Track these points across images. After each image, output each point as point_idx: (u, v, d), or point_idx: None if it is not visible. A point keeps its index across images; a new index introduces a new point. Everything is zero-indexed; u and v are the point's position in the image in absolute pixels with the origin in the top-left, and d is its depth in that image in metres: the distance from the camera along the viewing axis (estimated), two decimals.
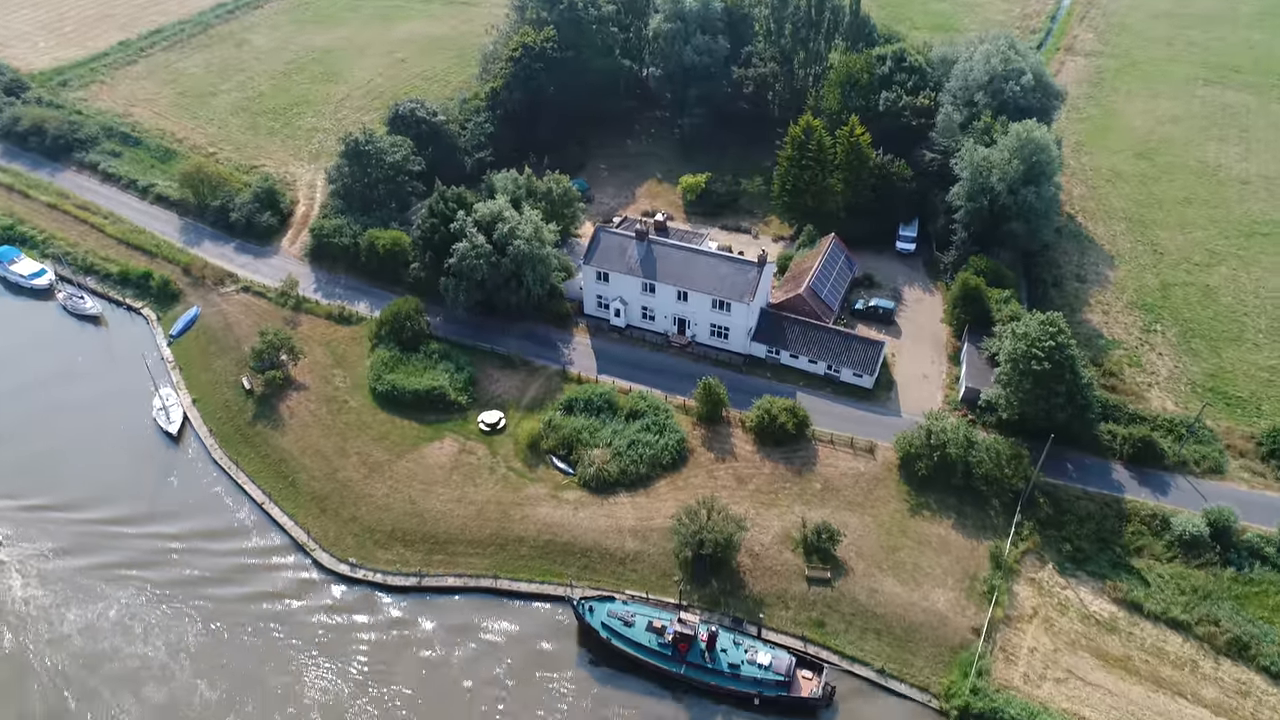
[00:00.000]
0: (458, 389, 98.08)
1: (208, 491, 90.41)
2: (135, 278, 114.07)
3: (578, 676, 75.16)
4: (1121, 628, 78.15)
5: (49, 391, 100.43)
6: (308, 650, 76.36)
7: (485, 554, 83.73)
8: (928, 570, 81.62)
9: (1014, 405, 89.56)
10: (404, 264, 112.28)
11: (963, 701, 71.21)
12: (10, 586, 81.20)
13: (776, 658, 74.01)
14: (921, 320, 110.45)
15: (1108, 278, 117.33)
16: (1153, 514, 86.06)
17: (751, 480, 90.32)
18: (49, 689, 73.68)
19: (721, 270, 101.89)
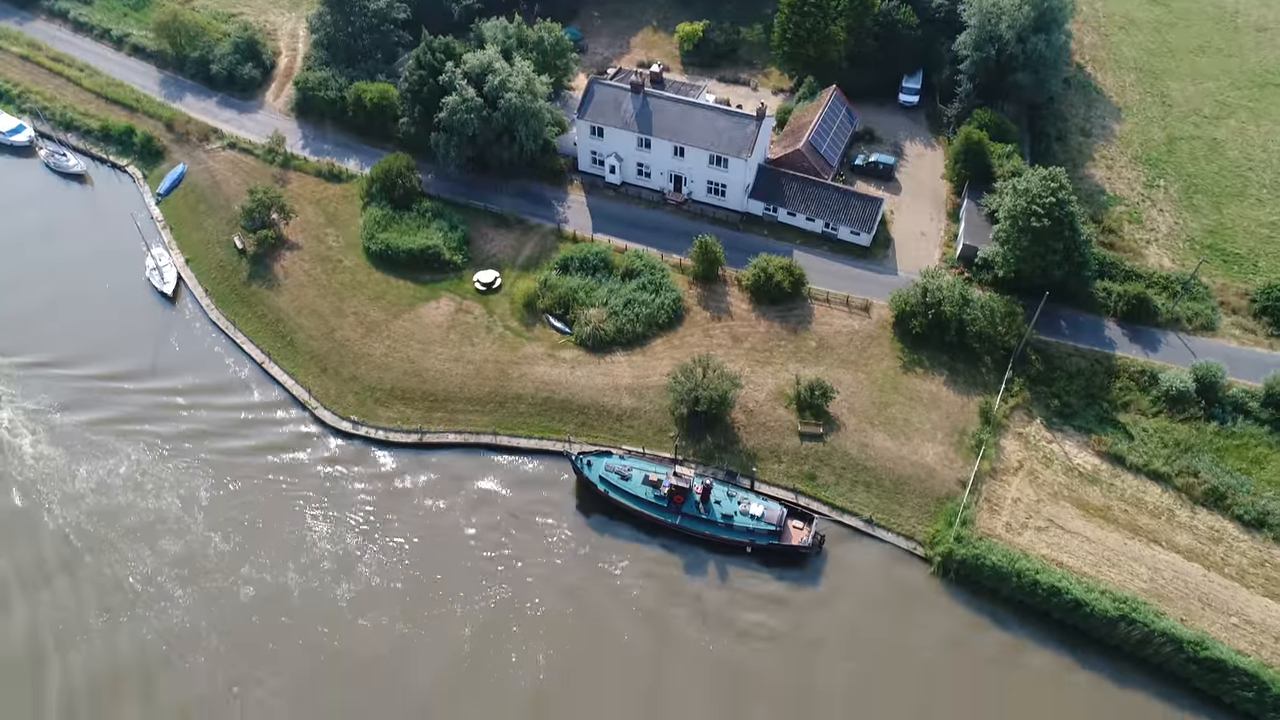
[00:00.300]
0: (452, 248, 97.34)
1: (207, 351, 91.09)
2: (117, 134, 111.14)
3: (576, 528, 77.83)
4: (1103, 479, 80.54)
5: (39, 250, 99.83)
6: (315, 503, 78.77)
7: (484, 411, 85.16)
8: (918, 425, 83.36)
9: (1011, 263, 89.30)
10: (392, 119, 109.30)
11: (946, 549, 74.11)
12: (20, 445, 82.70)
13: (768, 509, 76.54)
14: (922, 176, 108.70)
15: (1113, 131, 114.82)
16: (1142, 370, 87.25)
17: (747, 339, 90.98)
18: (64, 543, 76.15)
19: (719, 124, 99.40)
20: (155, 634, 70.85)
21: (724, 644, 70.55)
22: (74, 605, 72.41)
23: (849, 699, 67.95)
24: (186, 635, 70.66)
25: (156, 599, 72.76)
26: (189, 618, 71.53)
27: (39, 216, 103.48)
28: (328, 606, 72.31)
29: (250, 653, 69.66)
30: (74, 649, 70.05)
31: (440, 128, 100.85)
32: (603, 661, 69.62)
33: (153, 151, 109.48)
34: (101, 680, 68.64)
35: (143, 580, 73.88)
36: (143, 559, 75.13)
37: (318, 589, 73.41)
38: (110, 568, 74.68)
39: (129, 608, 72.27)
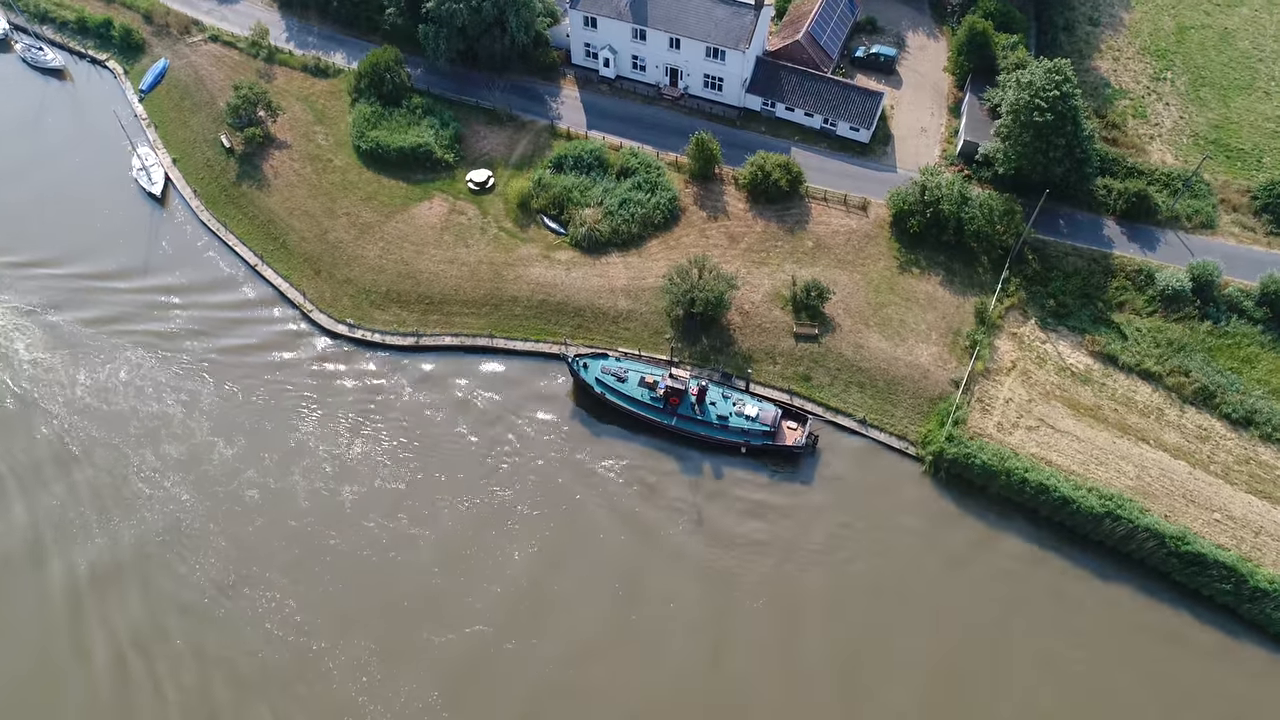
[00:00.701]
0: (444, 146, 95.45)
1: (199, 254, 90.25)
2: (95, 26, 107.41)
3: (572, 429, 78.80)
4: (1095, 379, 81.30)
5: (20, 149, 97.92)
6: (312, 408, 79.39)
7: (480, 314, 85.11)
8: (913, 326, 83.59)
9: (1011, 159, 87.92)
10: (378, 9, 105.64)
11: (937, 448, 75.36)
12: (14, 347, 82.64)
13: (763, 409, 77.42)
14: (924, 69, 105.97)
15: (1122, 20, 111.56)
16: (1139, 269, 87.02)
17: (743, 239, 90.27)
18: (66, 448, 76.91)
19: (717, 14, 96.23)
20: (162, 535, 72.33)
21: (718, 542, 72.32)
22: (76, 506, 73.77)
23: (839, 594, 70.09)
24: (195, 537, 72.03)
25: (164, 501, 73.93)
26: (196, 521, 72.73)
27: (18, 114, 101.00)
28: (332, 507, 73.63)
29: (255, 552, 71.23)
30: (76, 546, 71.64)
31: (428, 18, 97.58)
32: (599, 561, 71.43)
33: (133, 45, 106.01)
34: (107, 578, 70.39)
35: (149, 483, 74.89)
36: (146, 462, 76.02)
37: (320, 490, 74.60)
38: (112, 472, 75.55)
39: (133, 510, 73.41)
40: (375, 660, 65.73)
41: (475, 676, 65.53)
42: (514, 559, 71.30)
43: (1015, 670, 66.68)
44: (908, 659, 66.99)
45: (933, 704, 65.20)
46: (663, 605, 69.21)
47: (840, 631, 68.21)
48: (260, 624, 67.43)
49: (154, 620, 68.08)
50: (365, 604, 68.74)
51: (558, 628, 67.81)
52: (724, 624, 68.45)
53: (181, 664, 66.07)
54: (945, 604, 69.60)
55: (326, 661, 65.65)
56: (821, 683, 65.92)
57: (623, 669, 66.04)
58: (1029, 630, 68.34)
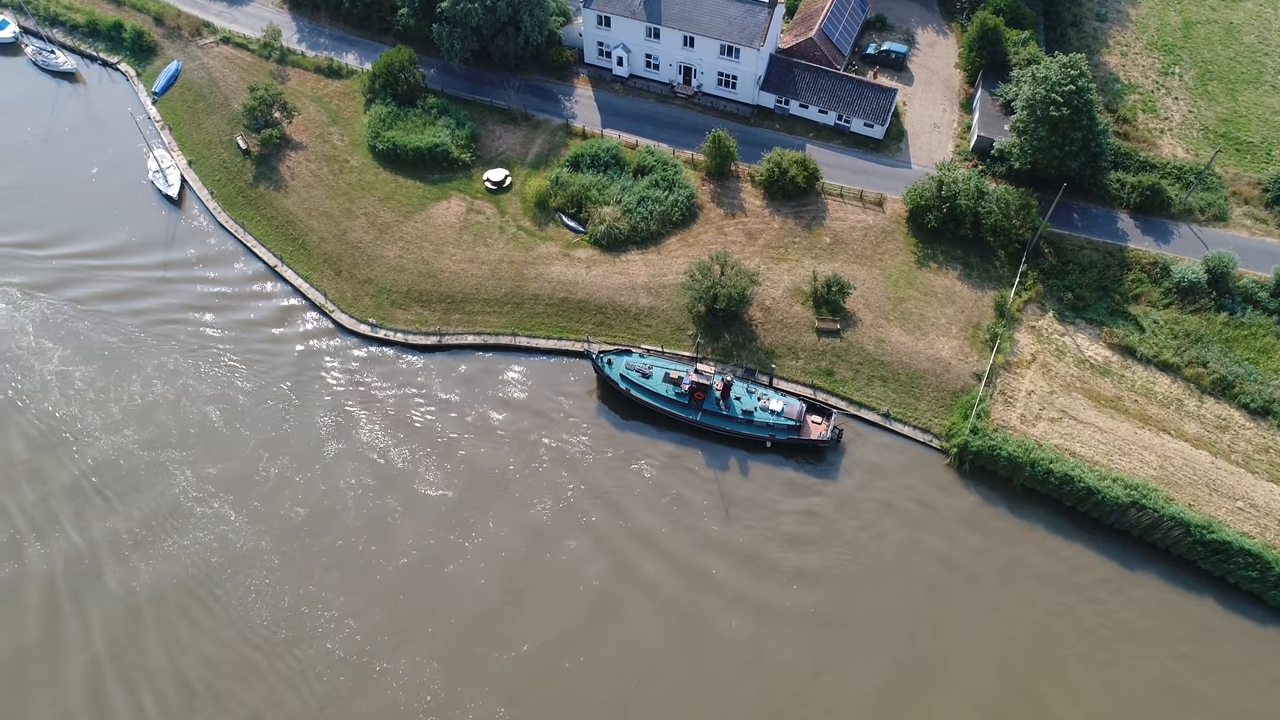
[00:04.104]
0: (460, 146, 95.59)
1: (217, 256, 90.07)
2: (105, 29, 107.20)
3: (597, 426, 78.99)
4: (1114, 371, 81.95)
5: (36, 152, 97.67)
6: (342, 412, 79.07)
7: (502, 312, 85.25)
8: (933, 320, 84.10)
9: (1027, 154, 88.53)
10: (390, 9, 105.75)
11: (962, 440, 75.82)
12: (47, 357, 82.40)
13: (788, 404, 77.81)
14: (934, 65, 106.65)
15: (1129, 15, 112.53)
16: (1154, 262, 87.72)
17: (761, 235, 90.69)
18: (98, 437, 76.74)
19: (730, 12, 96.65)
20: (217, 555, 70.91)
21: (746, 537, 72.58)
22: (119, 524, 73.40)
23: (869, 586, 70.43)
24: (245, 554, 70.83)
25: (214, 521, 72.57)
26: (246, 540, 71.44)
27: (31, 116, 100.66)
28: (379, 519, 72.75)
29: (308, 570, 70.10)
30: (130, 565, 70.87)
31: (443, 18, 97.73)
32: (638, 557, 71.44)
33: (144, 47, 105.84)
34: (168, 594, 69.46)
35: (198, 502, 73.84)
36: (189, 480, 74.89)
37: (365, 501, 73.71)
38: (155, 478, 75.01)
39: (186, 531, 72.32)
40: (439, 679, 64.67)
41: (539, 693, 64.63)
42: (562, 565, 70.77)
43: (1046, 658, 67.08)
44: (936, 648, 67.38)
45: (961, 693, 65.55)
46: (695, 595, 69.24)
47: (874, 621, 68.52)
48: (322, 644, 66.51)
49: (217, 638, 67.05)
50: (422, 620, 67.50)
51: (612, 638, 67.24)
52: (765, 622, 68.58)
53: (249, 688, 64.76)
54: (973, 593, 70.04)
55: (390, 681, 64.55)
56: (860, 673, 66.21)
57: (681, 679, 65.66)
58: (1058, 619, 68.81)
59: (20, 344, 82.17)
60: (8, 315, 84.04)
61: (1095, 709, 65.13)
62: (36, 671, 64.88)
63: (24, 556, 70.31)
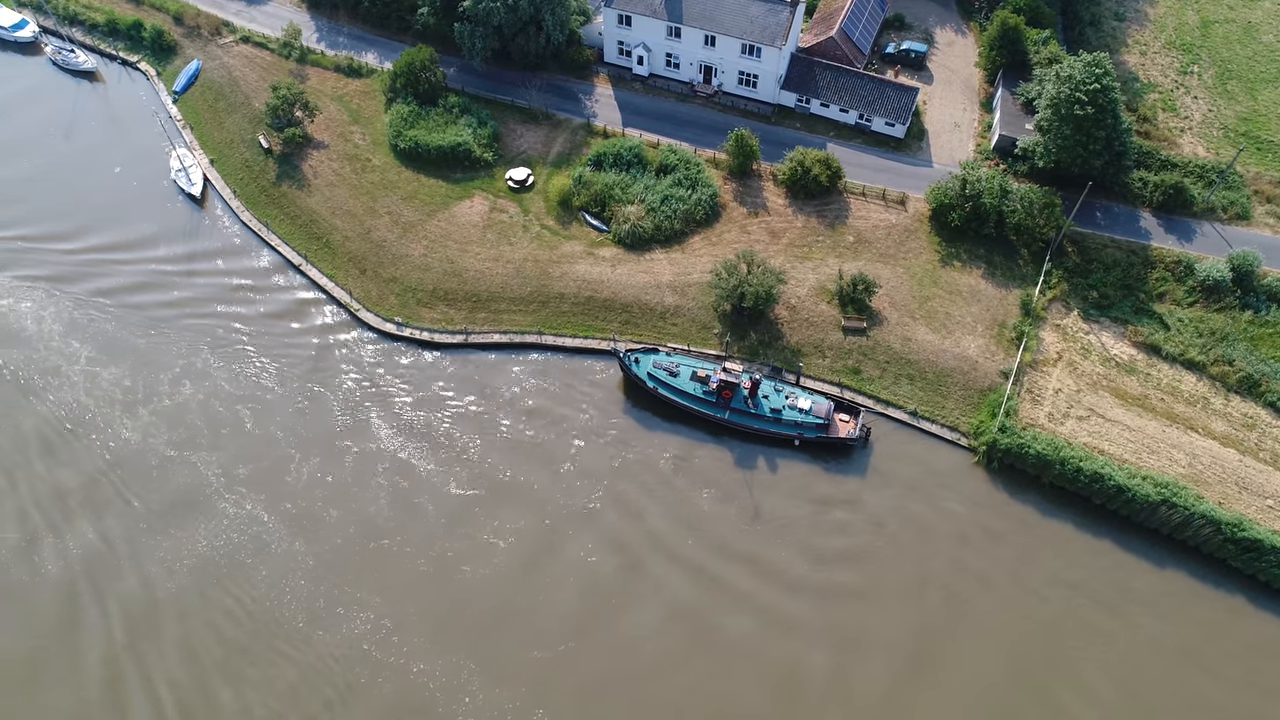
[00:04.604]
0: (482, 145, 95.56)
1: (242, 255, 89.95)
2: (125, 28, 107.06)
3: (625, 424, 78.95)
4: (1140, 369, 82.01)
5: (59, 151, 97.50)
6: (364, 407, 79.09)
7: (527, 311, 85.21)
8: (958, 318, 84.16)
9: (1051, 152, 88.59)
10: (409, 9, 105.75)
11: (990, 438, 75.84)
12: (73, 349, 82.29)
13: (816, 403, 77.85)
14: (953, 64, 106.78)
15: (1146, 15, 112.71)
16: (1177, 260, 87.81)
17: (784, 234, 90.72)
18: (130, 439, 76.66)
19: (752, 11, 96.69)
20: (251, 557, 70.53)
21: (777, 536, 72.58)
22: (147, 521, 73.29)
23: (899, 583, 70.46)
24: (282, 557, 70.27)
25: (247, 521, 72.20)
26: (275, 539, 71.17)
27: (53, 117, 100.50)
28: (412, 519, 72.47)
29: (343, 571, 69.80)
30: (163, 567, 70.49)
31: (464, 17, 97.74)
32: (670, 557, 71.39)
33: (164, 47, 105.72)
34: (201, 598, 68.99)
35: (231, 502, 73.60)
36: (219, 478, 74.68)
37: (397, 500, 73.47)
38: (186, 480, 74.80)
39: (213, 524, 72.12)
40: (476, 680, 64.34)
41: (577, 694, 64.38)
42: (594, 564, 70.61)
43: (1078, 655, 67.17)
44: (971, 643, 67.44)
45: (995, 688, 65.60)
46: (739, 607, 68.94)
47: (904, 620, 68.56)
48: (359, 645, 66.18)
49: (253, 641, 66.73)
50: (457, 620, 67.28)
51: (646, 637, 67.10)
52: (797, 622, 68.56)
53: (288, 691, 64.41)
54: (1003, 591, 70.11)
55: (428, 683, 64.28)
56: (888, 671, 66.27)
57: (711, 678, 65.54)
58: (1091, 616, 68.86)
59: (48, 343, 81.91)
60: (34, 312, 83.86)
61: (1128, 708, 65.07)
62: (66, 683, 64.24)
63: (52, 562, 69.87)
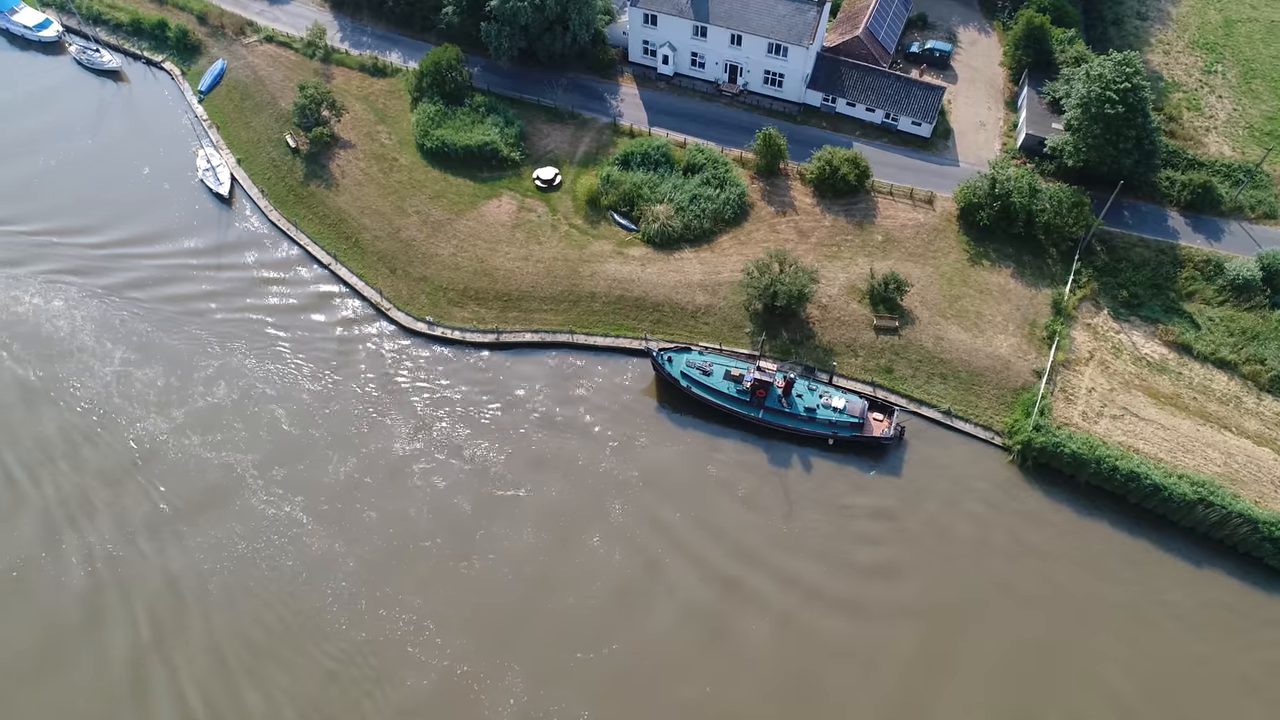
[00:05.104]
0: (509, 144, 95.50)
1: (271, 254, 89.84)
2: (149, 27, 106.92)
3: (658, 423, 78.91)
4: (1171, 368, 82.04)
5: (85, 148, 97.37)
6: (398, 407, 78.94)
7: (558, 310, 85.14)
8: (989, 318, 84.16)
9: (1081, 151, 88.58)
10: (433, 8, 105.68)
11: (1026, 437, 75.81)
12: (112, 357, 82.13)
13: (850, 401, 77.83)
14: (977, 64, 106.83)
15: (1169, 14, 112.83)
16: (1206, 259, 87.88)
17: (813, 233, 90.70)
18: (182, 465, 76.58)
19: (779, 10, 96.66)
20: (293, 560, 70.11)
21: (814, 536, 72.52)
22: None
23: (936, 583, 70.45)
24: (320, 558, 70.04)
25: (286, 524, 71.90)
26: (316, 541, 70.81)
27: (79, 115, 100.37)
28: (453, 519, 72.30)
29: (384, 572, 69.56)
30: (208, 570, 69.96)
31: (491, 17, 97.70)
32: (709, 557, 71.38)
33: (188, 46, 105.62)
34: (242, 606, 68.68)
35: (270, 504, 73.24)
36: (260, 479, 74.33)
37: (437, 501, 73.24)
38: (223, 481, 74.52)
39: (252, 526, 71.81)
40: (520, 682, 64.15)
41: (623, 696, 64.22)
42: (632, 565, 70.43)
43: (1117, 654, 67.19)
44: (1004, 641, 67.48)
45: (1031, 692, 65.57)
46: (778, 607, 68.91)
47: (941, 619, 68.59)
48: (403, 647, 65.92)
49: (298, 645, 66.34)
50: (499, 621, 66.97)
51: (686, 638, 66.98)
52: (835, 622, 68.58)
53: (334, 694, 64.06)
54: (1036, 589, 69.99)
55: (472, 685, 64.02)
56: (924, 672, 66.26)
57: (756, 679, 65.49)
58: (1127, 615, 68.90)
59: (81, 343, 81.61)
60: (66, 311, 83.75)
61: (1165, 710, 65.16)
62: (121, 707, 63.77)
63: (83, 565, 69.17)
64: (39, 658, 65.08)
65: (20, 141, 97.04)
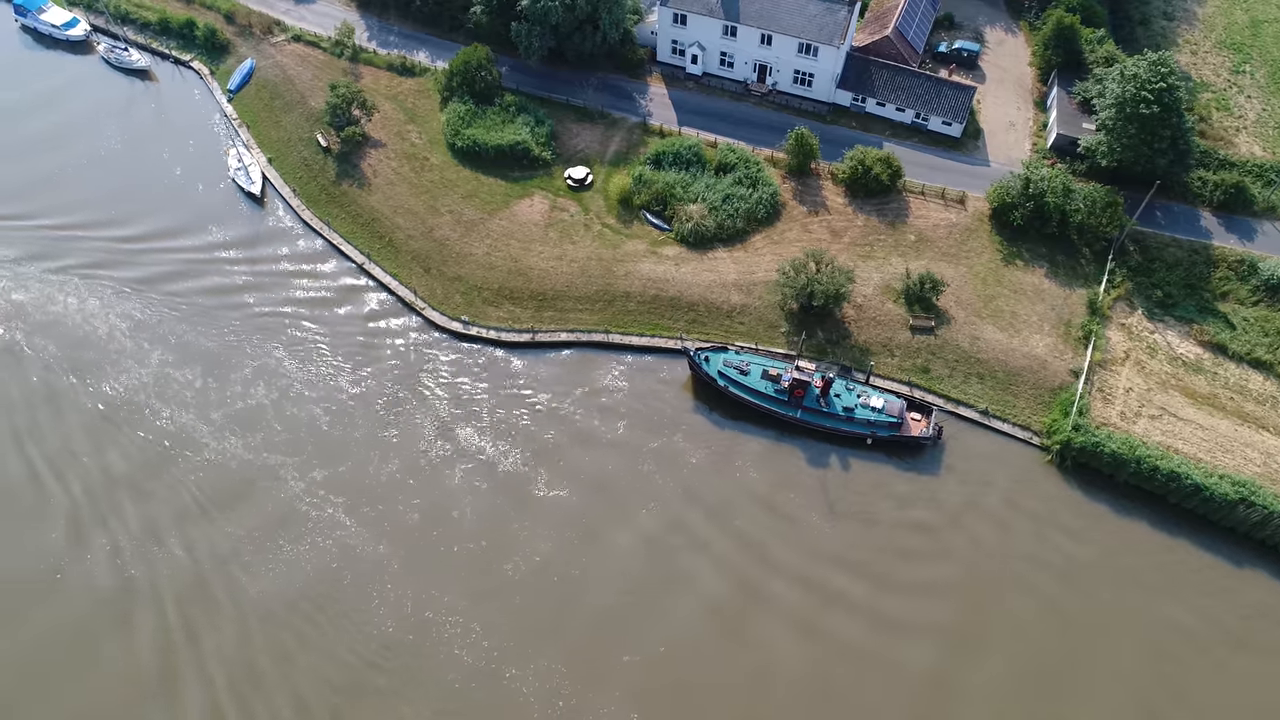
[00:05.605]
0: (540, 144, 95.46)
1: (305, 253, 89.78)
2: (177, 26, 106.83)
3: (696, 423, 78.85)
4: (1207, 368, 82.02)
5: (115, 148, 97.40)
6: (436, 407, 78.77)
7: (593, 310, 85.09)
8: (1025, 318, 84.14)
9: (1115, 151, 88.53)
10: (461, 8, 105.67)
11: (1065, 437, 75.77)
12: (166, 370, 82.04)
13: (888, 401, 77.80)
14: (1005, 63, 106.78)
15: (1195, 14, 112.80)
16: (1240, 259, 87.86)
17: (845, 233, 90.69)
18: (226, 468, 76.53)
19: (810, 10, 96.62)
20: (336, 561, 69.92)
21: (856, 538, 72.42)
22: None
23: (979, 585, 70.45)
24: (365, 559, 69.87)
25: (330, 526, 71.73)
26: (360, 542, 70.73)
27: (109, 115, 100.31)
28: (495, 521, 72.25)
29: (430, 575, 69.34)
30: (255, 574, 69.68)
31: (522, 16, 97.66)
32: (749, 558, 71.22)
33: (216, 45, 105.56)
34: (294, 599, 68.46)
35: (308, 505, 73.01)
36: (303, 481, 74.12)
37: (479, 503, 73.20)
38: (264, 483, 74.34)
39: (294, 528, 71.53)
40: (568, 684, 63.97)
41: (670, 699, 64.13)
42: (673, 564, 70.29)
43: (1159, 654, 67.20)
44: (1048, 642, 67.46)
45: (1076, 702, 65.57)
46: (821, 611, 68.81)
47: (983, 614, 68.56)
48: (450, 649, 65.74)
49: (344, 647, 66.19)
50: (544, 623, 66.81)
51: (728, 640, 66.82)
52: (881, 626, 68.45)
53: (380, 698, 63.90)
54: (1080, 588, 70.07)
55: (521, 688, 63.87)
56: (968, 677, 66.25)
57: (799, 685, 65.32)
58: (1169, 614, 68.92)
59: (119, 345, 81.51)
60: (101, 312, 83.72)
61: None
62: (152, 702, 63.62)
63: (128, 572, 68.89)
64: (94, 652, 65.35)
65: (50, 140, 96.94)
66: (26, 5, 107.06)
